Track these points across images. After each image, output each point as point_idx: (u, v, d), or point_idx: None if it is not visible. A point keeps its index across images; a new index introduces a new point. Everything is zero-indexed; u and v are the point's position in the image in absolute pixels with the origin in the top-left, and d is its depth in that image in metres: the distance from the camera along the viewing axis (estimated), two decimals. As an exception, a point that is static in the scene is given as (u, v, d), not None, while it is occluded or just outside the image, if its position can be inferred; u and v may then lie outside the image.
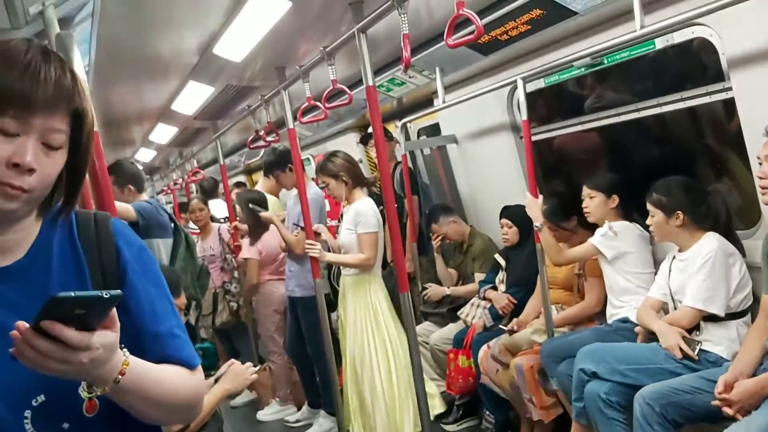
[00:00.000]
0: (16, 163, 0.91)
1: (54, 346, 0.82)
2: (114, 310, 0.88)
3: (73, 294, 0.81)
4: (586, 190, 3.30)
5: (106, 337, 0.88)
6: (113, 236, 1.09)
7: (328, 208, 4.75)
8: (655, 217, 2.82)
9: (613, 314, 3.23)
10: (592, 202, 3.27)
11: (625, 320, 3.08)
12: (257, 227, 4.54)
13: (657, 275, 2.97)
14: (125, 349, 0.95)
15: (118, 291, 0.85)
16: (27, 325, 0.82)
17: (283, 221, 4.27)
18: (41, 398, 0.98)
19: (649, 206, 2.85)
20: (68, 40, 1.66)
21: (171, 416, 1.14)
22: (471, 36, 2.14)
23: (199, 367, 1.13)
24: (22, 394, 0.97)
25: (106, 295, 0.83)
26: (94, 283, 1.03)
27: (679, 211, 2.75)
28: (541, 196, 3.30)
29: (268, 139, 4.38)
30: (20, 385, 0.96)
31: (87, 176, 1.73)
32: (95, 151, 1.66)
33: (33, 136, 0.92)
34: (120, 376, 0.93)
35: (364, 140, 5.34)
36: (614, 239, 3.12)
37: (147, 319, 1.06)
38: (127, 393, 0.96)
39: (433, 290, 4.39)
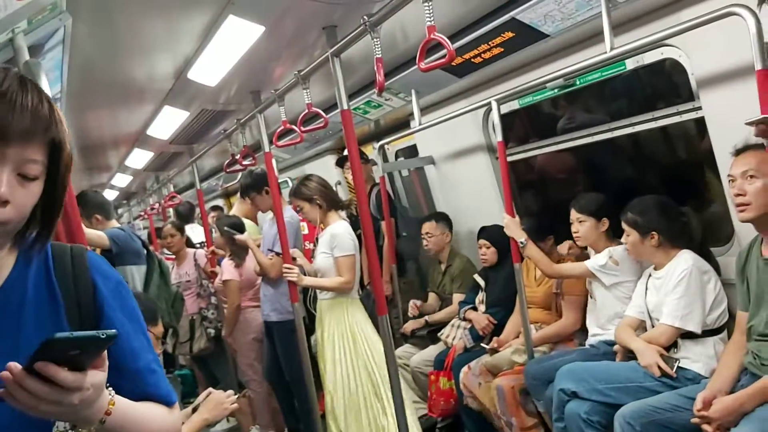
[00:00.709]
0: None
1: (48, 388, 0.80)
2: (104, 351, 0.87)
3: (71, 335, 0.79)
4: (574, 214, 3.23)
5: (96, 377, 0.86)
6: (89, 270, 1.06)
7: (306, 231, 4.73)
8: (630, 236, 2.84)
9: (597, 335, 3.19)
10: (582, 226, 3.19)
11: (612, 343, 3.01)
12: (240, 250, 4.51)
13: (633, 293, 2.98)
14: (110, 388, 0.94)
15: (114, 330, 0.83)
16: (19, 366, 0.80)
17: (258, 245, 4.24)
18: None
19: (624, 226, 2.87)
20: (35, 68, 1.65)
21: None
22: (443, 60, 2.15)
23: (176, 404, 1.12)
24: None
25: (102, 335, 0.81)
26: (69, 319, 1.01)
27: (654, 231, 2.78)
28: (517, 216, 3.30)
29: (245, 162, 4.37)
30: None
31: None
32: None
33: (8, 167, 0.89)
34: (106, 416, 0.91)
35: (340, 162, 5.34)
36: (614, 268, 3.08)
37: (126, 355, 1.04)
38: None
39: (410, 324, 4.38)
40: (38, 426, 0.94)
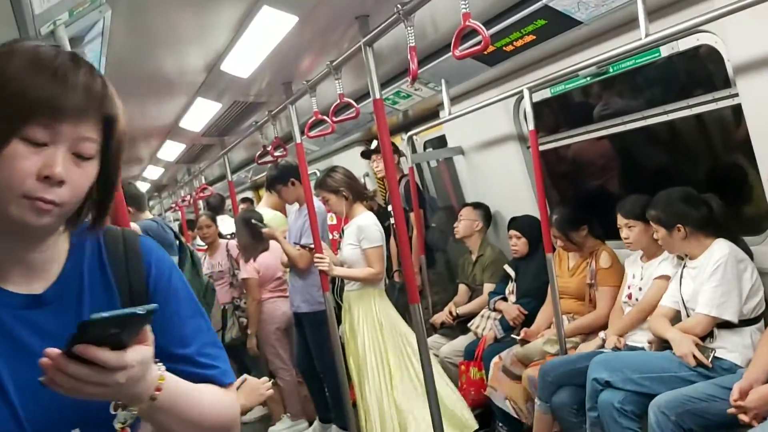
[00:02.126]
0: (47, 176, 0.85)
1: (89, 370, 0.78)
2: (147, 325, 0.84)
3: (106, 314, 0.76)
4: (621, 219, 3.12)
5: (141, 352, 0.83)
6: (142, 255, 1.04)
7: (334, 221, 4.75)
8: (659, 232, 2.85)
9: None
10: (632, 231, 3.08)
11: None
12: (253, 246, 4.52)
13: (670, 283, 2.95)
14: (160, 363, 0.91)
15: (154, 305, 0.81)
16: (57, 351, 0.77)
17: (285, 237, 4.27)
18: (76, 431, 0.95)
19: (651, 223, 2.87)
20: (80, 59, 1.67)
21: None
22: (478, 47, 2.14)
23: (233, 386, 1.09)
24: (57, 427, 0.93)
25: (141, 311, 0.79)
26: (123, 305, 0.99)
27: (679, 224, 2.77)
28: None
29: (276, 154, 4.40)
30: (56, 422, 0.93)
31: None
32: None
33: (63, 146, 0.87)
34: (156, 393, 0.88)
35: (366, 155, 5.33)
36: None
37: (175, 341, 1.02)
38: (163, 411, 0.91)
39: (439, 317, 4.39)
40: (97, 407, 0.92)
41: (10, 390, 0.90)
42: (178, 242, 3.91)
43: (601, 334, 3.20)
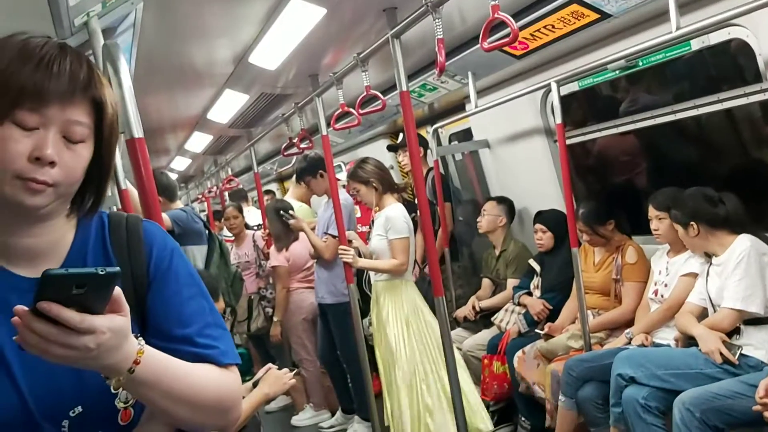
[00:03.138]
0: (38, 157, 0.90)
1: (55, 329, 0.79)
2: (120, 294, 0.85)
3: (66, 270, 0.79)
4: (653, 211, 3.11)
5: (114, 320, 0.84)
6: (144, 239, 1.07)
7: (359, 214, 4.77)
8: (679, 231, 2.86)
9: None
10: (662, 223, 3.06)
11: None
12: (285, 235, 4.58)
13: (697, 280, 2.93)
14: (141, 338, 0.92)
15: (116, 268, 0.82)
16: (26, 308, 0.79)
17: (313, 229, 4.30)
18: (78, 409, 0.97)
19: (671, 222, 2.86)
20: (114, 50, 1.69)
21: (200, 417, 1.03)
22: (506, 39, 2.14)
23: (234, 367, 1.09)
24: (60, 406, 0.96)
25: (101, 271, 0.79)
26: (124, 289, 0.99)
27: (692, 222, 2.77)
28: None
29: (302, 146, 4.43)
30: (58, 398, 0.96)
31: (135, 187, 1.77)
32: (143, 160, 1.69)
33: (53, 129, 0.92)
34: (135, 366, 0.89)
35: (393, 149, 5.34)
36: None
37: (172, 322, 1.04)
38: (145, 385, 0.92)
39: (462, 311, 4.39)
40: (97, 386, 0.94)
41: (15, 368, 0.94)
42: (207, 232, 3.96)
43: (627, 332, 3.18)
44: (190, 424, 1.05)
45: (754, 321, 2.61)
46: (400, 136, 5.18)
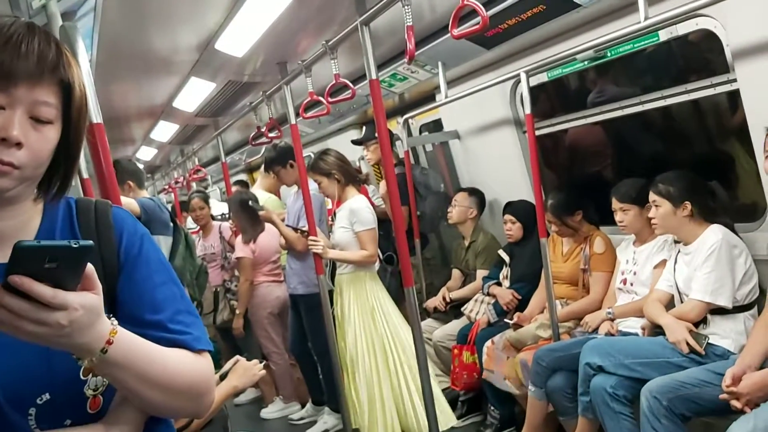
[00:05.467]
0: (3, 138, 0.88)
1: (27, 304, 0.77)
2: (93, 271, 0.83)
3: (38, 242, 0.77)
4: (616, 203, 3.14)
5: (86, 297, 0.82)
6: (114, 224, 1.06)
7: (330, 206, 4.73)
8: (661, 208, 2.79)
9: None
10: (627, 215, 3.09)
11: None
12: (252, 228, 4.50)
13: (664, 269, 2.95)
14: (114, 318, 0.90)
15: (89, 242, 0.80)
16: None
17: (282, 220, 4.25)
18: (46, 397, 0.95)
19: (654, 197, 2.82)
20: (72, 32, 1.64)
21: (174, 402, 1.02)
22: (476, 27, 2.11)
23: (206, 354, 1.07)
24: (27, 393, 0.94)
25: (75, 244, 0.78)
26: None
27: (687, 201, 2.74)
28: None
29: (270, 135, 4.36)
30: (26, 385, 0.94)
31: (92, 172, 1.72)
32: (101, 146, 1.64)
33: (19, 110, 0.90)
34: (107, 346, 0.87)
35: (358, 143, 5.26)
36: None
37: (145, 307, 1.02)
38: (118, 367, 0.90)
39: (432, 302, 4.39)
40: (66, 372, 0.93)
41: None
42: (173, 224, 3.88)
43: (608, 310, 3.17)
44: (163, 410, 1.04)
45: (721, 311, 2.64)
46: (363, 129, 5.11)
